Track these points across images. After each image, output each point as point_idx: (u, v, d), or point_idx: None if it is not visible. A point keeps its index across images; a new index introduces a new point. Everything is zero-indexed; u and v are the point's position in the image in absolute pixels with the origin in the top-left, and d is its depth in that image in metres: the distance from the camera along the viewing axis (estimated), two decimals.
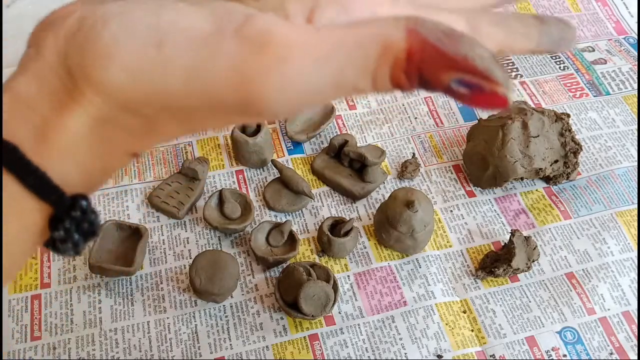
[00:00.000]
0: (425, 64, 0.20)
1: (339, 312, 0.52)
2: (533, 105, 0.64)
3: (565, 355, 0.50)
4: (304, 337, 0.51)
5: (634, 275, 0.55)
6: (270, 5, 0.23)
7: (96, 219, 0.24)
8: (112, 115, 0.23)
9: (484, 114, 0.66)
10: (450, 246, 0.57)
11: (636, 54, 0.73)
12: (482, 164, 0.59)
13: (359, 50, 0.21)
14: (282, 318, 0.52)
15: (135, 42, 0.22)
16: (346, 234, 0.54)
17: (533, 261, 0.54)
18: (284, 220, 0.57)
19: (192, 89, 0.22)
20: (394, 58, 0.20)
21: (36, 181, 0.21)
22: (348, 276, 0.54)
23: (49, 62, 0.22)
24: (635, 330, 0.52)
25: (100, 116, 0.22)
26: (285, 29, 0.21)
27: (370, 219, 0.58)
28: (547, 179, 0.61)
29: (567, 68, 0.72)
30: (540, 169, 0.57)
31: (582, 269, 0.55)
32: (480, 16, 0.24)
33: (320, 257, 0.56)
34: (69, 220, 0.23)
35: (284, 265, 0.54)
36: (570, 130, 0.58)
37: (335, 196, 0.60)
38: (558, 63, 0.72)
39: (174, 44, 0.21)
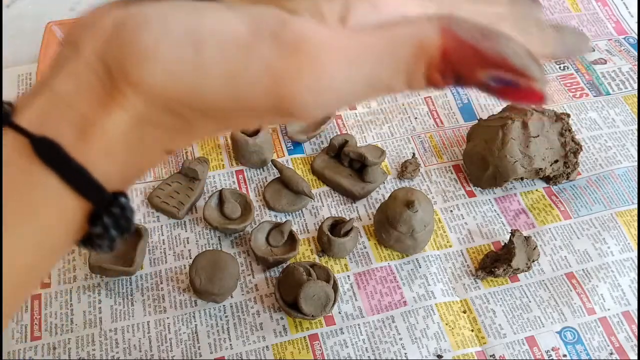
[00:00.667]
0: (460, 62, 0.20)
1: (339, 312, 0.52)
2: (533, 105, 0.64)
3: (565, 355, 0.50)
4: (304, 337, 0.51)
5: (634, 275, 0.55)
6: (304, 5, 0.24)
7: (132, 216, 0.24)
8: (151, 116, 0.23)
9: (484, 114, 0.66)
10: (450, 246, 0.57)
11: (636, 54, 0.73)
12: (482, 164, 0.59)
13: (392, 51, 0.21)
14: (282, 318, 0.52)
15: (175, 45, 0.22)
16: (346, 234, 0.54)
17: (533, 261, 0.54)
18: (284, 220, 0.57)
19: (228, 91, 0.22)
20: (429, 58, 0.20)
21: (78, 178, 0.22)
22: (348, 276, 0.54)
23: (88, 62, 0.22)
24: (635, 330, 0.52)
25: (139, 116, 0.23)
26: (319, 32, 0.22)
27: (370, 219, 0.58)
28: (547, 179, 0.61)
29: (567, 68, 0.72)
30: (540, 169, 0.57)
31: (582, 269, 0.55)
32: (501, 20, 0.24)
33: (320, 257, 0.56)
34: (107, 217, 0.23)
35: (284, 265, 0.54)
36: (570, 130, 0.58)
37: (335, 196, 0.60)
38: (558, 63, 0.72)
39: (211, 47, 0.22)
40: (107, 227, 0.23)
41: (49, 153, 0.21)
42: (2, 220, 0.21)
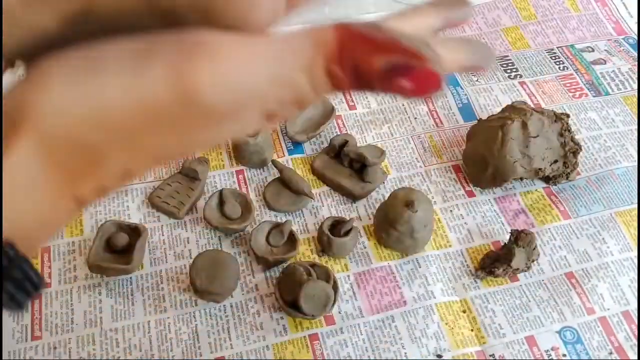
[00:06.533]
0: (356, 51, 0.21)
1: (339, 312, 0.52)
2: (532, 106, 0.64)
3: (565, 355, 0.50)
4: (304, 337, 0.51)
5: (634, 275, 0.55)
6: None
7: (30, 269, 0.22)
8: (50, 148, 0.21)
9: (483, 114, 0.66)
10: (450, 246, 0.57)
11: (636, 54, 0.74)
12: (481, 164, 0.59)
13: (291, 47, 0.22)
14: (282, 318, 0.52)
15: (70, 69, 0.22)
16: (346, 233, 0.54)
17: (533, 261, 0.54)
18: (284, 220, 0.57)
19: (130, 102, 0.21)
20: (327, 51, 0.21)
21: None
22: (348, 276, 0.54)
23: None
24: (635, 330, 0.52)
25: (37, 151, 0.21)
26: (219, 35, 0.22)
27: (370, 219, 0.58)
28: (546, 179, 0.61)
29: (567, 68, 0.72)
30: (539, 169, 0.57)
31: (582, 269, 0.55)
32: (433, 32, 0.26)
33: (320, 257, 0.56)
34: (9, 283, 0.21)
35: (284, 265, 0.54)
36: (569, 131, 0.58)
37: (335, 196, 0.60)
38: (557, 63, 0.73)
39: (107, 65, 0.22)
40: (12, 294, 0.21)
41: None
42: None
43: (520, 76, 0.71)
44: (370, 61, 0.20)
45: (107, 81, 0.21)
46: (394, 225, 0.53)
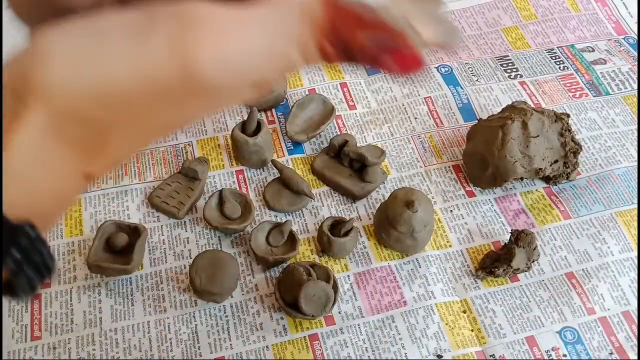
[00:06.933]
0: (344, 27, 0.22)
1: (339, 312, 0.52)
2: (533, 105, 0.64)
3: (565, 355, 0.50)
4: (304, 337, 0.51)
5: (634, 275, 0.55)
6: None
7: (45, 250, 0.22)
8: (58, 127, 0.22)
9: (483, 114, 0.66)
10: (450, 246, 0.57)
11: (636, 54, 0.73)
12: (482, 164, 0.59)
13: (284, 21, 0.23)
14: (282, 318, 0.52)
15: (74, 39, 0.22)
16: (346, 234, 0.54)
17: (533, 261, 0.54)
18: (284, 220, 0.57)
19: (134, 72, 0.22)
20: (316, 26, 0.22)
21: None
22: (348, 276, 0.54)
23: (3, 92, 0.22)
24: (635, 330, 0.52)
25: (45, 128, 0.22)
26: (216, 9, 0.23)
27: (370, 219, 0.58)
28: (547, 179, 0.61)
29: (567, 68, 0.72)
30: (540, 169, 0.57)
31: (582, 269, 0.55)
32: (408, 15, 0.26)
33: (320, 257, 0.56)
34: (16, 250, 0.21)
35: (284, 265, 0.54)
36: (570, 130, 0.58)
37: (335, 196, 0.60)
38: (558, 63, 0.72)
39: (111, 33, 0.22)
40: (19, 262, 0.21)
41: None
42: None
43: (521, 76, 0.71)
44: (356, 34, 0.22)
45: (111, 51, 0.22)
46: (394, 225, 0.53)
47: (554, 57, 0.73)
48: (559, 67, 0.72)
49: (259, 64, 0.23)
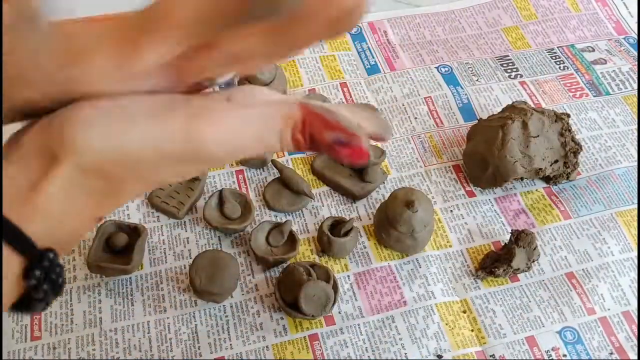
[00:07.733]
0: (313, 126, 0.29)
1: (339, 312, 0.52)
2: (533, 105, 0.64)
3: (565, 355, 0.50)
4: (304, 337, 0.51)
5: (634, 275, 0.55)
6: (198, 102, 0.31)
7: (62, 271, 0.28)
8: (81, 181, 0.27)
9: (484, 114, 0.66)
10: (450, 246, 0.57)
11: (636, 54, 0.73)
12: (482, 164, 0.59)
13: (270, 118, 0.30)
14: (282, 318, 0.52)
15: (104, 111, 0.27)
16: (346, 234, 0.54)
17: (533, 261, 0.54)
18: (284, 220, 0.57)
19: (153, 144, 0.28)
20: (294, 123, 0.29)
21: (14, 236, 0.26)
22: (348, 276, 0.54)
23: (27, 150, 0.27)
24: (635, 330, 0.52)
25: (71, 181, 0.27)
26: (219, 104, 0.30)
27: (370, 219, 0.58)
28: (547, 179, 0.61)
29: (567, 68, 0.72)
30: (540, 169, 0.57)
31: (582, 269, 0.55)
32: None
33: (320, 257, 0.56)
34: (39, 269, 0.26)
35: (284, 265, 0.54)
36: (570, 130, 0.58)
37: (335, 196, 0.60)
38: (558, 63, 0.72)
39: (137, 112, 0.28)
40: (40, 279, 0.27)
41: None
42: None
43: (521, 76, 0.71)
44: (322, 134, 0.29)
45: (137, 127, 0.28)
46: (394, 225, 0.53)
47: (554, 57, 0.73)
48: (559, 67, 0.72)
49: (247, 145, 0.30)
